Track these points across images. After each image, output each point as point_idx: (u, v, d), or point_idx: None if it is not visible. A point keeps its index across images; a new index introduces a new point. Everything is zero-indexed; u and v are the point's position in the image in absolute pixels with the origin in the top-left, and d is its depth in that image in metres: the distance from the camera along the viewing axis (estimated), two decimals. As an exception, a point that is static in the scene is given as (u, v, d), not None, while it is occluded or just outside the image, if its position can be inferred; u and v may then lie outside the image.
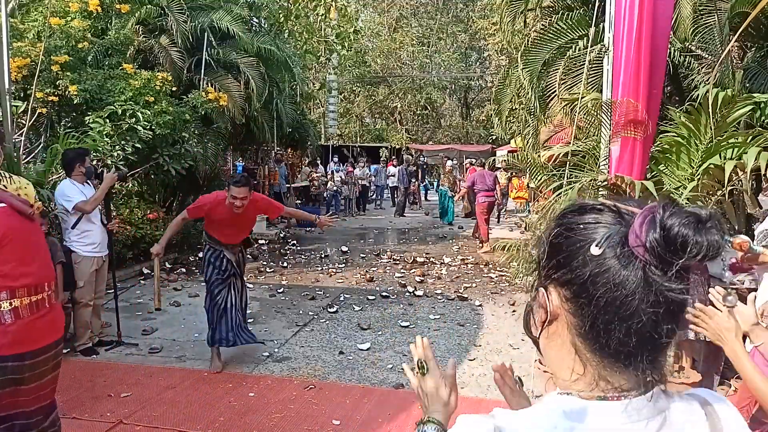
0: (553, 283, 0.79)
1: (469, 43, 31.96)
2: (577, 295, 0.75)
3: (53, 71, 7.18)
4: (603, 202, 0.80)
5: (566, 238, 0.77)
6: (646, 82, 3.85)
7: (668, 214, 0.69)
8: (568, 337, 0.78)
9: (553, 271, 0.78)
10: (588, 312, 0.74)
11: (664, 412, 0.76)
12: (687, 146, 3.82)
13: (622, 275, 0.72)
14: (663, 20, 3.99)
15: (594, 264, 0.73)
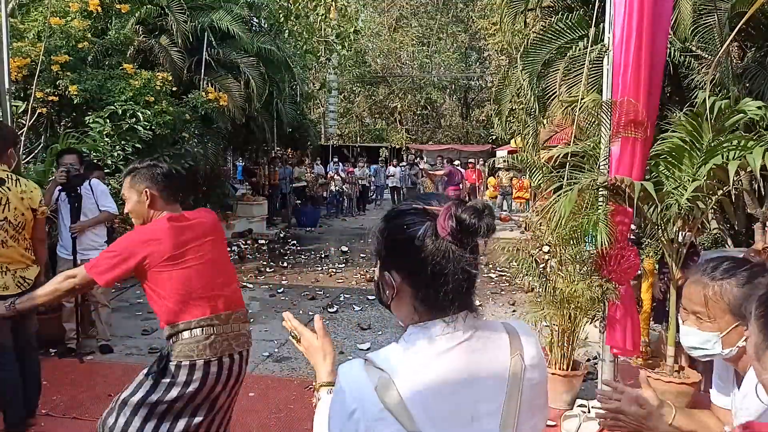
0: (394, 267, 1.10)
1: (469, 43, 31.95)
2: (412, 273, 1.08)
3: (53, 71, 7.18)
4: (414, 206, 1.09)
5: (396, 236, 1.08)
6: (646, 82, 3.85)
7: (460, 209, 1.01)
8: (408, 302, 1.10)
9: (391, 259, 1.11)
10: (419, 283, 1.07)
11: (476, 329, 1.08)
12: (687, 148, 3.81)
13: (439, 255, 1.03)
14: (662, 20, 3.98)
15: (419, 251, 1.04)
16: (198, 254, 2.46)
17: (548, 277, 4.33)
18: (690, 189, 3.62)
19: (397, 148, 27.21)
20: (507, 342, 1.11)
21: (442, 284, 1.04)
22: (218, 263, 2.55)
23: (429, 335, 1.06)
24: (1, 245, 3.40)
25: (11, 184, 3.45)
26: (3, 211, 3.40)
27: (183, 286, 2.43)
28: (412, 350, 1.06)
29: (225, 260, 2.64)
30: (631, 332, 4.09)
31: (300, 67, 13.54)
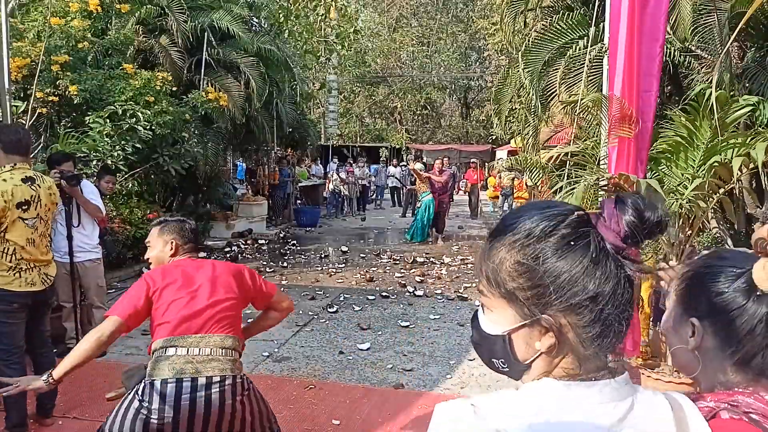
0: (557, 308, 0.79)
1: (469, 43, 31.96)
2: (583, 311, 0.78)
3: (53, 71, 7.18)
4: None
5: (555, 264, 0.79)
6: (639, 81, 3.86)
7: (631, 202, 0.80)
8: (566, 347, 0.81)
9: (555, 298, 0.79)
10: (594, 320, 0.79)
11: (631, 398, 0.79)
12: (687, 146, 3.81)
13: (614, 280, 0.78)
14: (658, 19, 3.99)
15: (592, 281, 0.78)
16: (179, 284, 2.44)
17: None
18: (692, 187, 3.62)
19: (397, 148, 27.22)
20: (671, 418, 0.81)
21: (619, 315, 0.80)
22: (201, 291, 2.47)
23: (584, 397, 0.78)
24: (32, 243, 3.49)
25: (40, 182, 3.58)
26: (36, 208, 3.50)
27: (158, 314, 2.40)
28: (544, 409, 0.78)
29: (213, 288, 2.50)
30: (631, 332, 4.09)
31: (300, 67, 13.54)
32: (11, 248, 3.42)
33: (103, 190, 5.54)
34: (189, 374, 2.24)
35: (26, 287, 3.48)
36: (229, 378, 2.30)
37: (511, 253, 0.81)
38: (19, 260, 3.44)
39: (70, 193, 4.76)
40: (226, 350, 2.36)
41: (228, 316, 2.45)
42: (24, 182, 3.47)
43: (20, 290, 3.44)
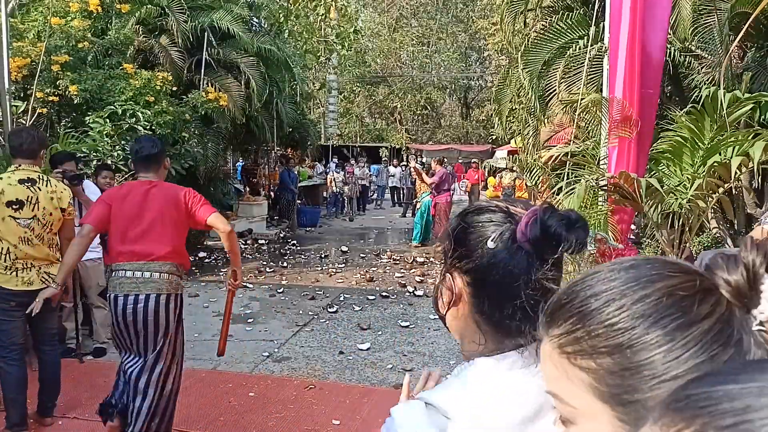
0: (457, 270, 0.94)
1: (469, 43, 31.95)
2: (476, 280, 0.92)
3: (53, 71, 7.18)
4: (497, 204, 0.95)
5: (468, 234, 0.93)
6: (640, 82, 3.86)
7: (548, 215, 0.85)
8: (469, 314, 0.94)
9: (457, 260, 0.94)
10: (484, 293, 0.92)
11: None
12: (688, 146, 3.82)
13: (511, 264, 0.88)
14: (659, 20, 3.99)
15: (489, 255, 0.90)
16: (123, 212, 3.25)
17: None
18: (692, 187, 3.62)
19: (397, 148, 27.21)
20: None
21: (510, 298, 0.88)
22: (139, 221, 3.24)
23: (498, 369, 0.90)
24: (27, 242, 3.52)
25: (41, 185, 3.61)
26: (33, 210, 3.54)
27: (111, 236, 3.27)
28: (477, 389, 0.89)
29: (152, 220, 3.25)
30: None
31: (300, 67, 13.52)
32: (5, 248, 3.46)
33: (100, 185, 5.50)
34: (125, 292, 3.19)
35: (23, 286, 3.50)
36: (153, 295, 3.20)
37: None
38: (14, 260, 3.48)
39: (73, 193, 4.78)
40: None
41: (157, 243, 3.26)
42: (21, 183, 3.51)
43: (17, 289, 3.48)
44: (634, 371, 0.55)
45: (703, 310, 0.55)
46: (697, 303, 0.55)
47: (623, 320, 0.56)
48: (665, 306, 0.55)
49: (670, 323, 0.55)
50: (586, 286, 0.60)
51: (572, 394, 0.60)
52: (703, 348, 0.53)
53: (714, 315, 0.54)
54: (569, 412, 0.61)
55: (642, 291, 0.57)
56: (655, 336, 0.54)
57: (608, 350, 0.56)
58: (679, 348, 0.54)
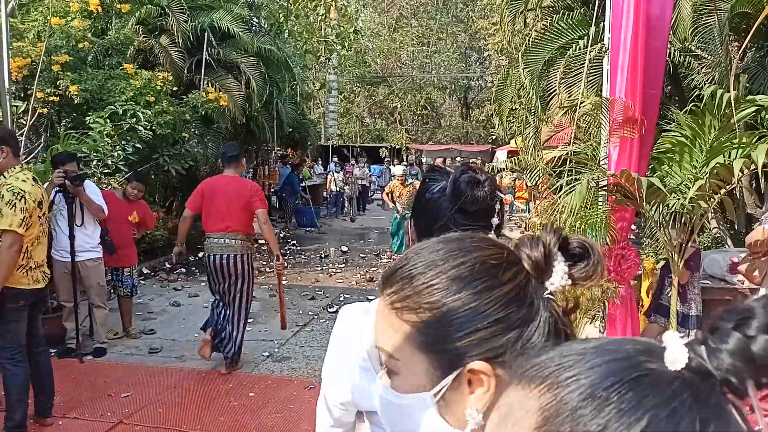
0: (414, 216, 1.21)
1: (469, 43, 31.94)
2: (417, 222, 1.20)
3: (54, 71, 7.17)
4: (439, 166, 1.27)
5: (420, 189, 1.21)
6: (642, 82, 3.85)
7: (461, 175, 1.11)
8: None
9: (414, 210, 1.22)
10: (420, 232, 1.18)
11: None
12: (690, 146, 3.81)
13: (435, 209, 1.14)
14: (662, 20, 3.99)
15: (425, 201, 1.17)
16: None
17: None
18: (694, 188, 3.61)
19: (397, 148, 27.20)
20: None
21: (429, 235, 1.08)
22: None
23: None
24: (38, 241, 3.55)
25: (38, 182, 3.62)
26: (44, 208, 3.58)
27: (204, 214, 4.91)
28: None
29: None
30: (631, 332, 4.09)
31: (300, 67, 13.53)
32: (24, 247, 3.45)
33: (127, 194, 5.68)
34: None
35: (33, 285, 3.52)
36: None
37: None
38: (28, 259, 3.48)
39: (74, 193, 4.78)
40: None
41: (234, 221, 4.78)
42: (34, 182, 3.53)
43: (28, 288, 3.48)
44: (447, 324, 0.66)
45: (506, 277, 0.67)
46: (502, 271, 0.67)
47: (442, 281, 0.67)
48: (476, 271, 0.67)
49: (478, 285, 0.66)
50: (416, 254, 0.71)
51: (397, 346, 0.70)
52: (502, 307, 0.66)
53: (514, 281, 0.67)
54: (393, 364, 0.71)
55: (460, 258, 0.68)
56: (466, 295, 0.66)
57: (428, 306, 0.67)
58: (483, 305, 0.66)
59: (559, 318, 0.68)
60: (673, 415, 0.38)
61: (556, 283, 0.68)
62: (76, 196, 4.82)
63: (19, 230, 3.29)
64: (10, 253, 3.30)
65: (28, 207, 3.36)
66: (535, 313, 0.67)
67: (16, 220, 3.28)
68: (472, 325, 0.65)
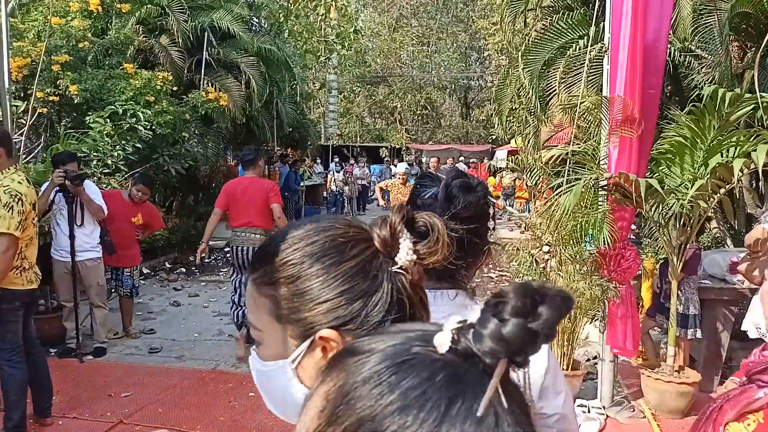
0: None
1: (469, 43, 31.94)
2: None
3: (54, 71, 7.17)
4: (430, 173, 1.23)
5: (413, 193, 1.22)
6: (641, 81, 3.85)
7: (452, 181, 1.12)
8: None
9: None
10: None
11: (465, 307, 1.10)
12: (689, 146, 3.81)
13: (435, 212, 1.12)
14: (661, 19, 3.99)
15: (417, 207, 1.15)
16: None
17: (548, 277, 4.33)
18: (694, 188, 3.61)
19: (397, 148, 27.20)
20: None
21: None
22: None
23: None
24: (32, 241, 3.53)
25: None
26: (36, 209, 3.57)
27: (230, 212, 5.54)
28: None
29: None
30: (631, 332, 4.09)
31: (300, 67, 13.53)
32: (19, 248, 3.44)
33: (132, 196, 5.67)
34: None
35: (27, 285, 3.51)
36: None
37: None
38: (22, 260, 3.47)
39: (75, 193, 4.77)
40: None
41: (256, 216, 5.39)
42: (28, 183, 3.52)
43: (23, 289, 3.48)
44: (300, 296, 0.73)
45: (353, 253, 0.73)
46: (350, 247, 0.73)
47: (296, 257, 0.74)
48: (326, 248, 0.73)
49: (328, 260, 0.72)
50: (279, 235, 0.78)
51: (260, 319, 0.77)
52: (347, 279, 0.72)
53: (360, 257, 0.73)
54: (258, 335, 0.78)
55: (314, 237, 0.74)
56: (316, 269, 0.72)
57: (284, 280, 0.74)
58: (331, 278, 0.72)
59: (404, 290, 0.73)
60: (423, 395, 0.41)
61: (402, 259, 0.74)
62: (77, 195, 4.82)
63: (16, 233, 3.29)
64: (7, 256, 3.29)
65: (25, 210, 3.34)
66: (378, 285, 0.73)
67: (14, 223, 3.27)
68: (321, 297, 0.72)
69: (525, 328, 0.43)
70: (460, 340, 0.44)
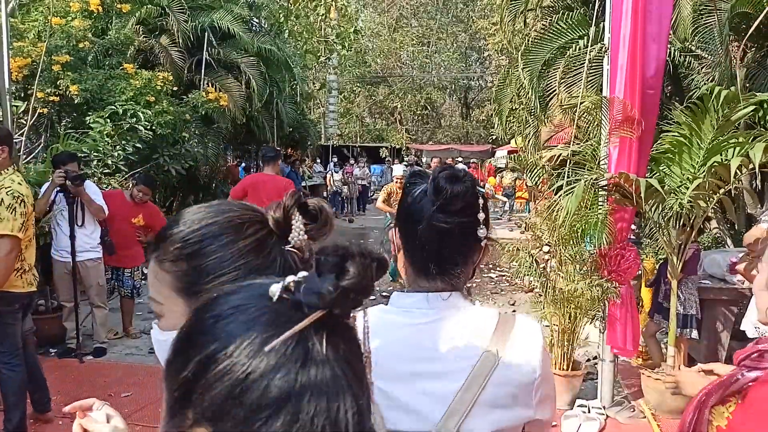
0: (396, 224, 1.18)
1: (469, 43, 31.94)
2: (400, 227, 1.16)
3: (54, 71, 7.17)
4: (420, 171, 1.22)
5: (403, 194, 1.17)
6: (642, 82, 3.86)
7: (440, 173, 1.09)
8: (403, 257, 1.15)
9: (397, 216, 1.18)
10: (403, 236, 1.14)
11: (459, 309, 1.10)
12: (689, 146, 3.81)
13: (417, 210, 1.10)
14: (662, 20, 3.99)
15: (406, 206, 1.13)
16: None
17: (548, 277, 4.33)
18: (692, 187, 3.62)
19: (397, 148, 27.20)
20: (490, 334, 1.08)
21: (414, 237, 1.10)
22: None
23: (406, 305, 1.12)
24: (30, 243, 3.52)
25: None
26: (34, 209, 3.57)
27: None
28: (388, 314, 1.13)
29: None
30: (631, 332, 4.09)
31: (300, 67, 13.53)
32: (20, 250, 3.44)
33: (134, 196, 5.66)
34: None
35: (27, 288, 3.50)
36: None
37: None
38: (22, 261, 3.46)
39: (75, 193, 4.78)
40: None
41: None
42: (27, 184, 3.52)
43: (23, 291, 3.46)
44: (199, 271, 0.81)
45: (248, 233, 0.82)
46: (246, 228, 0.82)
47: (196, 237, 0.82)
48: (225, 228, 0.82)
49: (225, 239, 0.81)
50: (181, 216, 0.86)
51: (162, 293, 0.84)
52: (243, 256, 0.81)
53: (254, 236, 0.82)
54: (159, 308, 0.86)
55: (213, 218, 0.83)
56: (214, 247, 0.81)
57: (184, 257, 0.82)
58: (228, 255, 0.80)
59: (296, 265, 0.82)
60: (248, 331, 0.52)
61: (295, 238, 0.83)
62: (77, 196, 4.82)
63: (19, 235, 3.29)
64: (11, 258, 3.29)
65: (27, 211, 3.34)
66: (272, 261, 0.82)
67: (17, 225, 3.27)
68: (219, 271, 0.80)
69: (336, 284, 0.52)
70: (295, 292, 0.53)
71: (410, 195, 1.13)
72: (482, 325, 1.09)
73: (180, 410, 0.54)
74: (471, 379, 1.04)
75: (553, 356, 4.28)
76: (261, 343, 0.51)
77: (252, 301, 0.55)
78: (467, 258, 1.12)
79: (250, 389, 0.50)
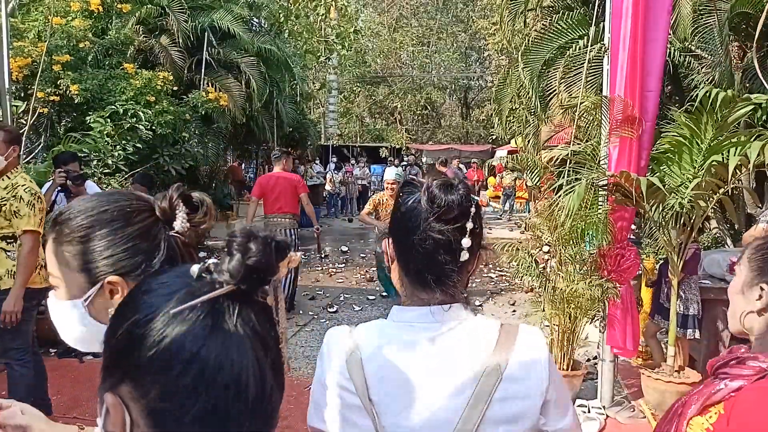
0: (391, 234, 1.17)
1: (469, 43, 31.94)
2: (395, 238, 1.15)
3: (54, 71, 7.18)
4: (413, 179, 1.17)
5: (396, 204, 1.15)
6: (641, 81, 3.86)
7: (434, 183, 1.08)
8: (398, 269, 1.14)
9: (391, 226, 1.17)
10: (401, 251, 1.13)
11: (461, 320, 1.09)
12: (688, 146, 3.81)
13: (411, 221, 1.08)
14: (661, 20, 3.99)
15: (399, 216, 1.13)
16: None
17: (548, 277, 4.33)
18: (692, 187, 3.62)
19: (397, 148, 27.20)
20: (492, 347, 1.06)
21: (410, 247, 1.09)
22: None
23: (407, 319, 1.11)
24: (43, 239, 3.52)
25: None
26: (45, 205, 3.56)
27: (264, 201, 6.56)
28: (388, 331, 1.12)
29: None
30: (631, 332, 4.09)
31: (300, 67, 13.53)
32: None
33: None
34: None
35: (44, 283, 3.51)
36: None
37: None
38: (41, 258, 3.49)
39: (76, 193, 4.78)
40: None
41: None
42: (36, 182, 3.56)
43: (41, 287, 3.48)
44: (92, 252, 0.95)
45: (137, 220, 0.97)
46: (134, 215, 0.97)
47: (89, 222, 0.96)
48: (115, 215, 0.96)
49: (115, 225, 0.96)
50: (77, 203, 1.00)
51: (60, 269, 0.98)
52: (131, 240, 0.96)
53: (142, 223, 0.96)
54: (56, 282, 0.99)
55: (105, 206, 0.97)
56: (105, 231, 0.96)
57: (79, 239, 0.96)
58: (117, 239, 0.95)
59: (179, 249, 0.97)
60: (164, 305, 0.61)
61: (178, 226, 0.97)
62: (78, 195, 4.82)
63: (40, 230, 3.34)
64: (35, 254, 3.33)
65: (43, 207, 3.40)
66: (158, 245, 0.96)
67: (38, 221, 3.33)
68: (109, 252, 0.95)
69: (241, 263, 0.61)
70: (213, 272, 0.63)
71: (404, 204, 1.11)
72: (484, 338, 1.08)
73: (110, 371, 0.63)
74: (476, 396, 1.03)
75: (553, 356, 4.29)
76: (176, 312, 0.60)
77: (176, 279, 0.65)
78: (463, 267, 1.09)
79: (164, 350, 0.59)
